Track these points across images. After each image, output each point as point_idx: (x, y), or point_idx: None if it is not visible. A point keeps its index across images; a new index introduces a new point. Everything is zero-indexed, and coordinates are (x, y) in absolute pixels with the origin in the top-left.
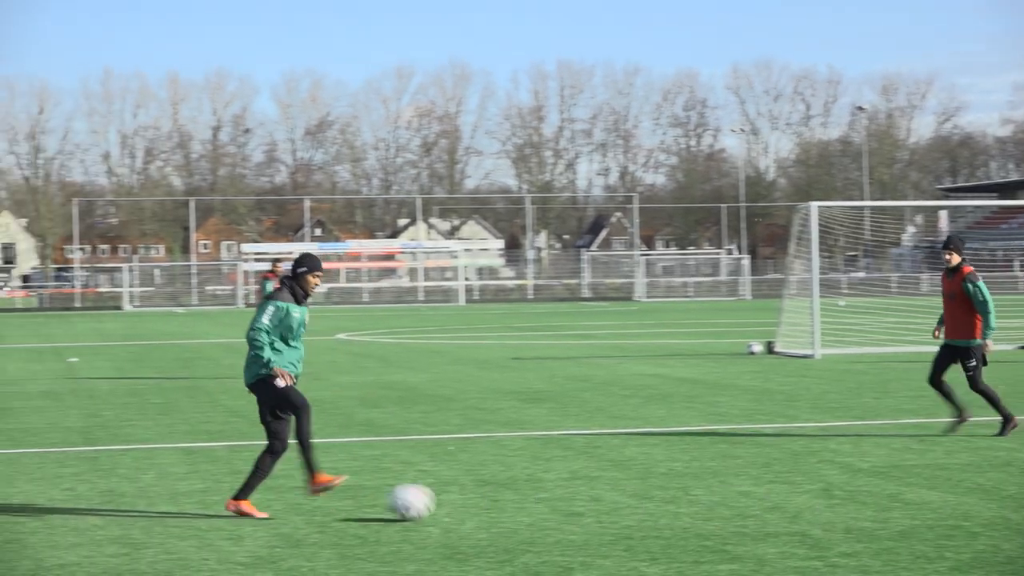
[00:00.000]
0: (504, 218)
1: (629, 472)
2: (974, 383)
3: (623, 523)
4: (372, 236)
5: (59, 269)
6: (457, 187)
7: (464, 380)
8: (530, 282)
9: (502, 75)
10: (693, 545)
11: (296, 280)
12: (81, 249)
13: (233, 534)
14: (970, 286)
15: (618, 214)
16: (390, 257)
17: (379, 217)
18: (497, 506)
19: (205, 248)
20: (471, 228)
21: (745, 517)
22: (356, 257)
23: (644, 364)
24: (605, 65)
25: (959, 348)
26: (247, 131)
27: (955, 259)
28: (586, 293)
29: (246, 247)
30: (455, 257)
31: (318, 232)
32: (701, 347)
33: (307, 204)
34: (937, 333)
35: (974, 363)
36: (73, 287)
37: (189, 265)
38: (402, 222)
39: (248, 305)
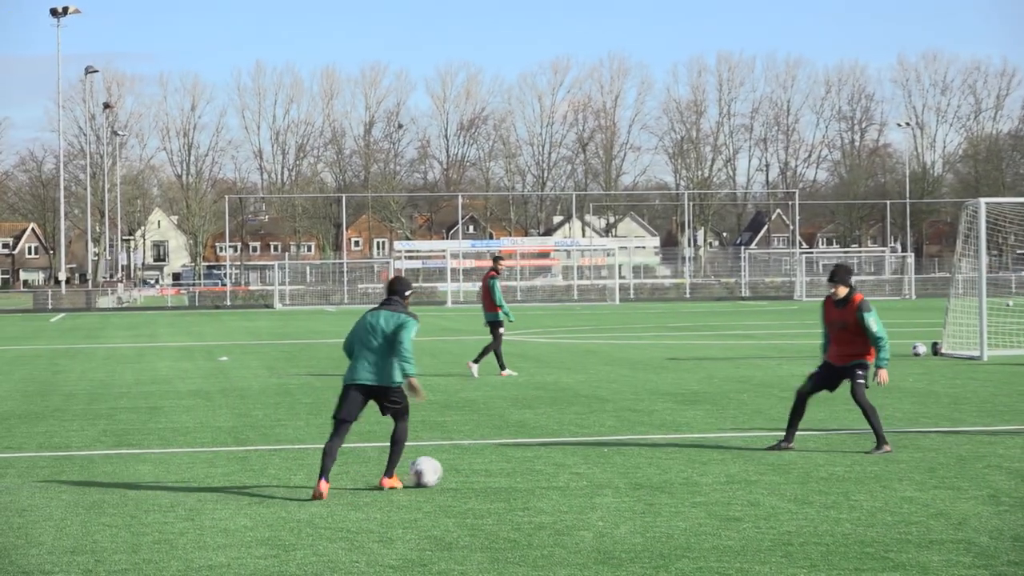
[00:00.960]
0: (661, 215)
1: (788, 476)
2: (858, 393)
3: (782, 529)
4: (526, 234)
5: (210, 267)
6: (613, 184)
7: (619, 381)
8: (687, 280)
9: (660, 68)
10: (854, 552)
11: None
12: (232, 247)
13: (383, 536)
14: (864, 315)
15: (778, 211)
16: (544, 255)
17: (533, 214)
18: (652, 510)
19: (356, 246)
20: (627, 225)
21: (908, 524)
22: (510, 255)
23: (804, 365)
24: (766, 57)
25: (847, 368)
26: (400, 127)
27: (842, 291)
28: (745, 292)
29: (398, 245)
30: (610, 255)
31: (471, 230)
32: None
33: (460, 201)
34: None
35: (863, 373)
36: (224, 285)
37: (340, 263)
38: (556, 219)
39: None
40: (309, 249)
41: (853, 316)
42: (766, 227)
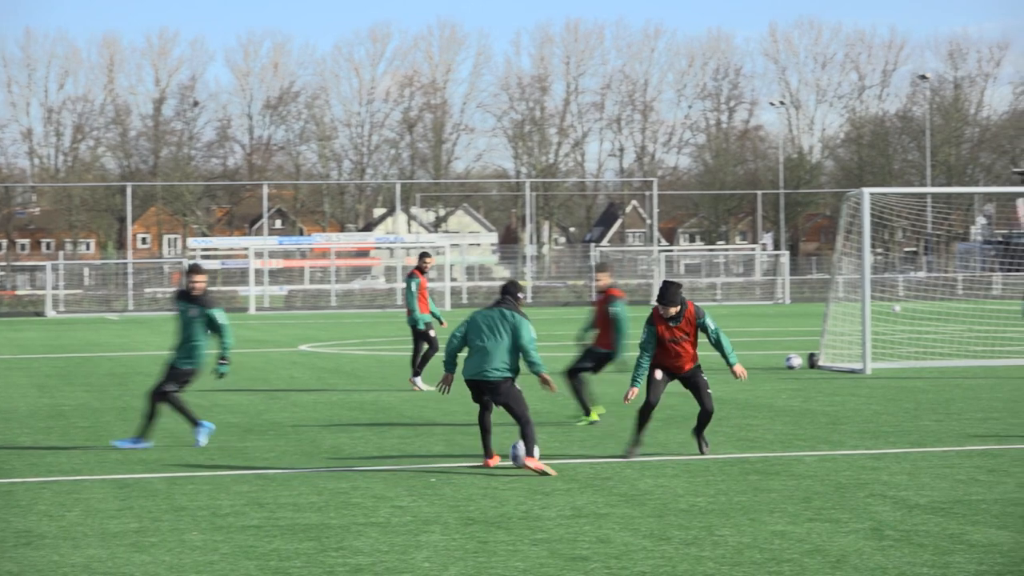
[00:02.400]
0: (499, 207)
1: (643, 509)
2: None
3: (636, 569)
4: (342, 229)
5: None
6: (444, 171)
7: (449, 400)
8: (529, 283)
9: (498, 38)
10: None
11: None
12: None
13: None
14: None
15: (634, 202)
16: (364, 254)
17: (351, 206)
18: (486, 549)
19: (144, 243)
20: (460, 219)
21: (780, 562)
22: (323, 254)
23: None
24: (619, 25)
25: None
26: (196, 104)
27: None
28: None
29: (192, 242)
30: (440, 254)
31: (279, 224)
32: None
33: (265, 191)
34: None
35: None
36: None
37: (125, 263)
38: (378, 212)
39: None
40: (88, 247)
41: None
42: (620, 221)
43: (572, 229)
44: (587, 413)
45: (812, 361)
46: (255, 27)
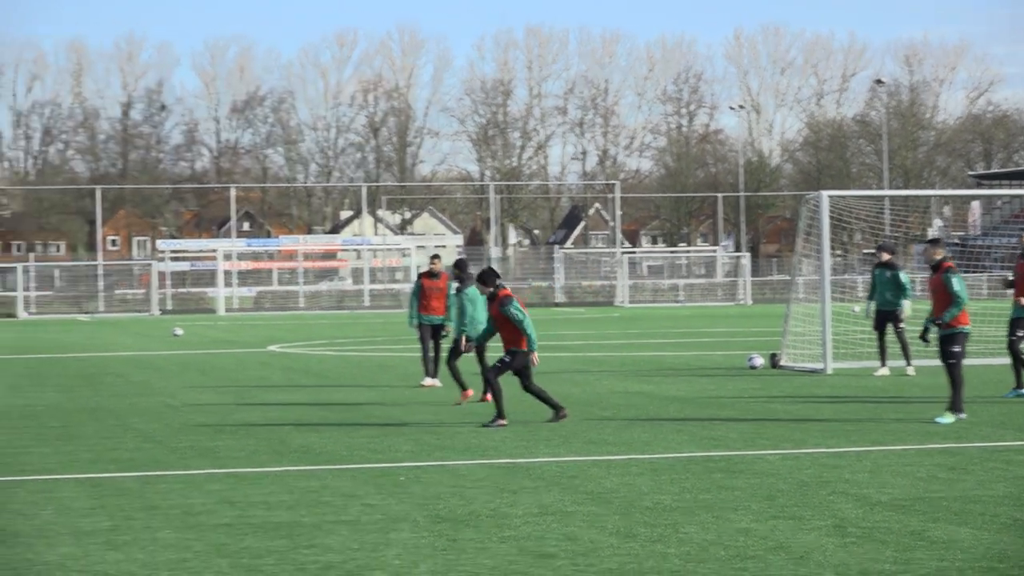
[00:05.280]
0: (464, 210)
1: (609, 507)
2: (526, 384)
3: (602, 566)
4: (309, 231)
5: None
6: (409, 174)
7: (417, 400)
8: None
9: (461, 42)
10: None
11: None
12: None
13: None
14: (507, 309)
15: (597, 205)
16: (331, 256)
17: (318, 209)
18: (455, 546)
19: (114, 245)
20: (425, 222)
21: (744, 558)
22: (291, 256)
23: (627, 381)
24: (581, 31)
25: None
26: (163, 108)
27: (488, 288)
28: (559, 297)
29: (162, 244)
30: (406, 255)
31: (246, 227)
32: (693, 360)
33: (233, 194)
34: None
35: (508, 360)
36: None
37: (95, 265)
38: (345, 215)
39: (163, 311)
40: (59, 249)
41: (497, 310)
42: (583, 224)
43: (536, 231)
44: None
45: (774, 361)
46: (221, 32)
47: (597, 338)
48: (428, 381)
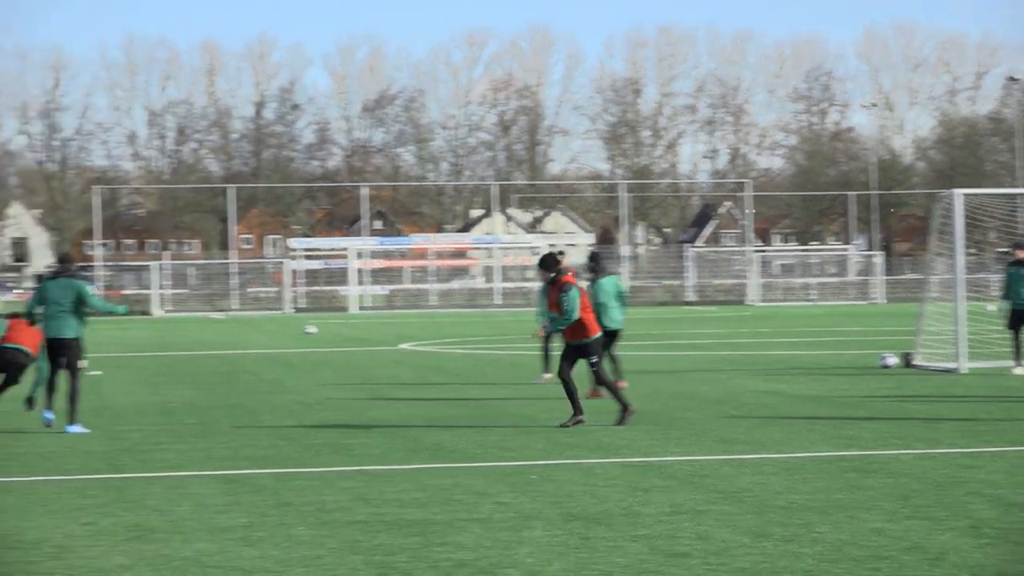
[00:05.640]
0: (594, 208)
1: (742, 506)
2: (599, 376)
3: (735, 565)
4: (440, 230)
5: (78, 268)
6: (539, 172)
7: (549, 397)
8: (625, 283)
9: (591, 41)
10: None
11: None
12: (103, 245)
13: None
14: (562, 296)
15: (728, 204)
16: (462, 254)
17: (449, 207)
18: (588, 544)
19: (247, 244)
20: (556, 220)
21: (879, 559)
22: (422, 254)
23: (759, 379)
24: (710, 29)
25: (580, 346)
26: (295, 107)
27: (549, 274)
28: (690, 296)
29: (294, 242)
30: (537, 254)
31: (378, 225)
32: (826, 360)
33: (364, 192)
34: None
35: (596, 359)
36: (94, 289)
37: (228, 263)
38: (475, 213)
39: (296, 309)
40: (192, 247)
41: (556, 295)
42: (714, 222)
43: (667, 230)
44: None
45: (907, 360)
46: (353, 31)
47: (728, 337)
48: (546, 376)
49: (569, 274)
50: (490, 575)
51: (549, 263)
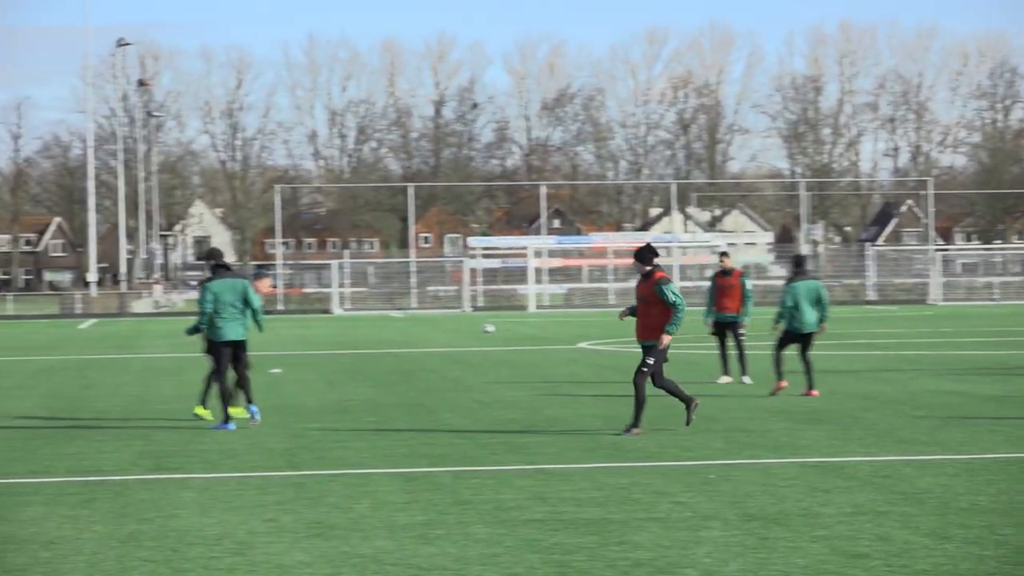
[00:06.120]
0: (774, 207)
1: (923, 507)
2: (655, 378)
3: (916, 567)
4: (619, 228)
5: (259, 266)
6: (719, 171)
7: (727, 397)
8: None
9: (772, 38)
10: None
11: None
12: (284, 243)
13: (459, 574)
14: (662, 288)
15: (909, 202)
16: None
17: (627, 206)
18: (766, 545)
19: (426, 242)
20: (735, 219)
21: None
22: (600, 253)
23: (941, 380)
24: (892, 25)
25: (647, 347)
26: (475, 106)
27: (645, 267)
28: (871, 295)
29: (473, 241)
30: (716, 253)
31: (556, 224)
32: (1009, 359)
33: (543, 191)
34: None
35: (653, 362)
36: (274, 287)
37: (407, 262)
38: (654, 212)
39: (475, 308)
40: (372, 246)
41: (651, 290)
42: (895, 221)
43: (847, 228)
44: None
45: None
46: (532, 30)
47: (910, 336)
48: (724, 379)
49: (662, 270)
50: (667, 574)
51: (645, 255)
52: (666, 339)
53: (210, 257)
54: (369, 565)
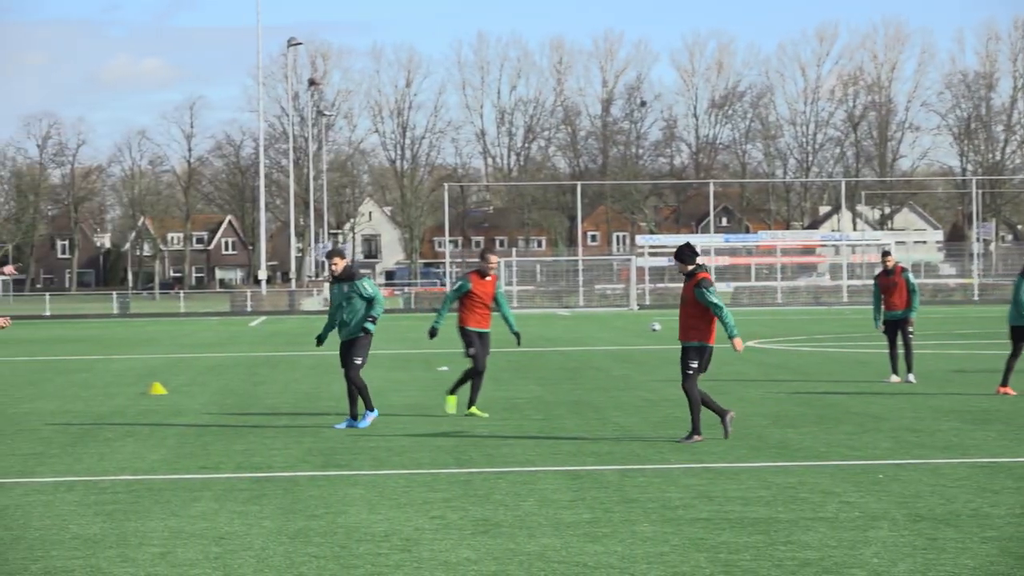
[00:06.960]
0: (945, 205)
1: None
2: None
3: None
4: (787, 227)
5: (427, 264)
6: (889, 169)
7: (896, 396)
8: (975, 281)
9: (943, 34)
10: None
11: None
12: (453, 242)
13: (625, 572)
14: (702, 291)
15: None
16: (809, 252)
17: (796, 204)
18: (935, 545)
19: (593, 240)
20: (905, 217)
21: None
22: (769, 251)
23: None
24: None
25: (687, 348)
26: (643, 104)
27: (687, 267)
28: None
29: (641, 239)
30: (884, 251)
31: (724, 222)
32: None
33: (711, 189)
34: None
35: (697, 364)
36: (443, 285)
37: (575, 260)
38: (823, 210)
39: (641, 307)
40: (539, 244)
41: (691, 292)
42: None
43: (1020, 227)
44: None
45: None
46: (699, 27)
47: None
48: (893, 378)
49: (706, 271)
50: (834, 575)
51: (686, 256)
52: (738, 344)
53: (336, 255)
54: (535, 563)
